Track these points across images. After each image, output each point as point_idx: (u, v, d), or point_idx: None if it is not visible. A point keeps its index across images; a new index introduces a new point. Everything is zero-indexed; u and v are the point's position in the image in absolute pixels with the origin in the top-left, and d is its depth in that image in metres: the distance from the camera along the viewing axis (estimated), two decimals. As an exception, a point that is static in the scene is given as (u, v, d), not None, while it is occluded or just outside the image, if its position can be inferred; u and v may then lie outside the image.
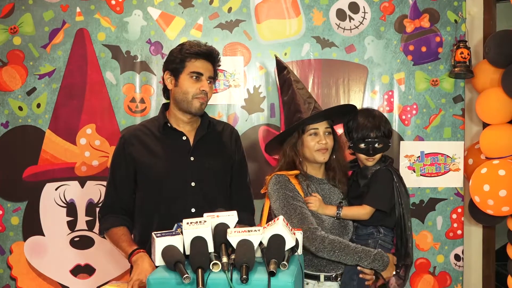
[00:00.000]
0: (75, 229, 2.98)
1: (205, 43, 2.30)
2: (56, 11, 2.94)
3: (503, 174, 2.71)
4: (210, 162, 2.30)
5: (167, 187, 2.24)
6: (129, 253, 2.13)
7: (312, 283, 2.23)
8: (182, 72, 2.24)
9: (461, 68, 2.88)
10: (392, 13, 2.99)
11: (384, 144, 2.28)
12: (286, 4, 2.99)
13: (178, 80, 2.25)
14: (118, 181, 2.29)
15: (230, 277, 1.62)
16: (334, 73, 2.99)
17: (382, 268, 2.14)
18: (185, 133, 2.31)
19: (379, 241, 2.27)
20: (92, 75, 2.95)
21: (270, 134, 2.96)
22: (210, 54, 2.27)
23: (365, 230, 2.30)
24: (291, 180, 2.28)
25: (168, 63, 2.28)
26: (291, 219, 2.16)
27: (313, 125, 2.29)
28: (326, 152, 2.29)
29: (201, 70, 2.24)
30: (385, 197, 2.25)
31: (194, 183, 2.26)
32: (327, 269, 2.22)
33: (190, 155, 2.28)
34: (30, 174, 2.94)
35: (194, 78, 2.23)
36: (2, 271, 2.97)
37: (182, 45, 2.28)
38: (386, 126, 2.31)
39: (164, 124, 2.30)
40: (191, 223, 1.75)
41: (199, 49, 2.24)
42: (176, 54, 2.26)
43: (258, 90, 2.99)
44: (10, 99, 2.94)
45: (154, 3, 2.96)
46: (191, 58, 2.23)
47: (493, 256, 3.14)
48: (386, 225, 2.29)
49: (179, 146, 2.29)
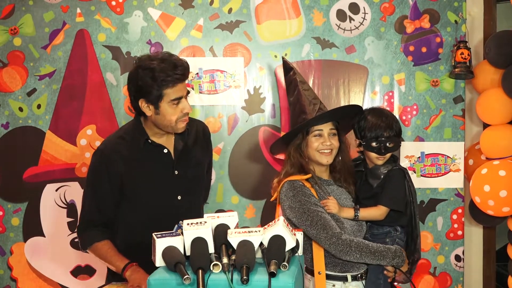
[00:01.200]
0: (76, 230, 2.97)
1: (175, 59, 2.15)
2: (57, 12, 2.94)
3: (503, 175, 2.71)
4: (192, 173, 2.31)
5: (154, 202, 2.24)
6: (121, 268, 2.13)
7: (338, 284, 2.24)
8: (162, 101, 2.13)
9: (461, 68, 2.88)
10: (392, 14, 2.99)
11: (395, 144, 2.31)
12: (286, 4, 2.99)
13: (159, 109, 2.15)
14: (101, 197, 2.24)
15: (230, 278, 1.62)
16: (335, 74, 2.99)
17: (402, 263, 2.19)
18: (164, 144, 2.28)
19: (396, 239, 2.32)
20: (92, 76, 2.95)
21: (270, 135, 2.96)
22: (185, 75, 2.18)
23: (381, 229, 2.34)
24: (306, 184, 2.27)
25: (143, 93, 2.14)
26: (313, 226, 2.17)
27: (318, 126, 2.29)
28: (330, 154, 2.30)
29: (181, 93, 2.17)
30: (400, 197, 2.30)
31: (180, 196, 2.27)
32: (353, 269, 2.24)
33: (174, 169, 2.28)
34: (31, 175, 2.94)
35: (175, 104, 2.16)
36: (2, 272, 2.97)
37: (153, 71, 2.10)
38: (397, 125, 2.34)
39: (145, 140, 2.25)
40: (191, 224, 1.75)
41: (175, 75, 2.11)
42: (150, 83, 2.11)
43: (258, 91, 2.99)
44: (10, 100, 2.94)
45: (155, 4, 2.96)
46: (168, 86, 2.12)
47: (493, 257, 3.14)
48: (401, 224, 2.34)
49: (162, 160, 2.27)
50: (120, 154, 2.23)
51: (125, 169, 2.22)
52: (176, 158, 2.28)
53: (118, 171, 2.21)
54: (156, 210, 2.24)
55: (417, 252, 2.34)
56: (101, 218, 2.26)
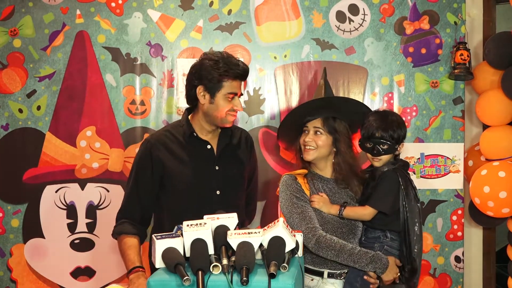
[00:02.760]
0: (75, 232, 2.97)
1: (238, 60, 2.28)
2: (56, 13, 2.94)
3: (503, 176, 2.71)
4: (232, 171, 2.36)
5: (194, 194, 2.29)
6: (128, 269, 2.17)
7: (316, 279, 2.24)
8: (219, 91, 2.24)
9: (461, 69, 2.88)
10: (392, 15, 3.00)
11: (389, 147, 2.26)
12: (286, 6, 2.99)
13: (214, 98, 2.25)
14: (143, 183, 2.29)
15: (230, 279, 1.62)
16: (334, 75, 2.99)
17: (381, 270, 2.13)
18: (209, 141, 2.34)
19: (385, 246, 2.26)
20: (92, 77, 2.95)
21: (270, 136, 2.96)
22: (245, 75, 2.29)
23: (373, 233, 2.30)
24: (299, 179, 2.30)
25: (203, 79, 2.24)
26: (292, 217, 2.19)
27: (308, 123, 2.31)
28: (309, 150, 2.30)
29: (237, 90, 2.27)
30: (388, 200, 2.23)
31: (219, 191, 2.32)
32: (330, 266, 2.23)
33: (215, 164, 2.33)
34: (30, 177, 2.95)
35: (229, 98, 2.25)
36: (2, 274, 2.97)
37: (217, 62, 2.22)
38: (397, 130, 2.26)
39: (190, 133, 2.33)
40: (191, 225, 1.75)
41: (237, 71, 2.23)
42: (213, 72, 2.22)
43: (258, 92, 2.99)
44: (10, 101, 2.95)
45: (154, 6, 2.96)
46: (229, 78, 2.23)
47: (493, 258, 3.14)
48: (393, 229, 2.26)
49: (204, 155, 2.33)
50: (165, 145, 2.31)
51: (168, 158, 2.29)
52: (218, 154, 2.34)
53: (161, 158, 2.28)
54: (195, 203, 2.27)
55: (414, 261, 2.23)
56: (138, 207, 2.30)
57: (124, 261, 2.23)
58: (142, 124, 2.97)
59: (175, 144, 2.32)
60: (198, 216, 1.86)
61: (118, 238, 2.28)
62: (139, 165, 2.31)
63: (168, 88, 2.97)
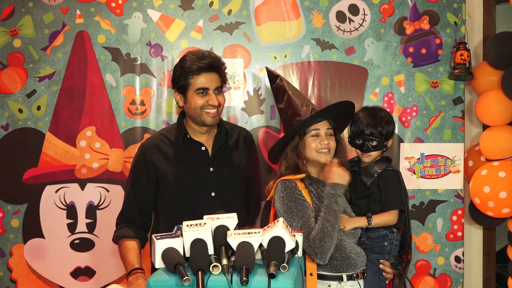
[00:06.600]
0: (75, 232, 2.97)
1: (207, 53, 2.27)
2: (56, 13, 2.94)
3: (503, 176, 2.71)
4: (228, 172, 2.35)
5: (188, 196, 2.29)
6: (128, 272, 2.19)
7: (334, 284, 2.21)
8: (189, 90, 2.25)
9: (461, 70, 2.88)
10: (392, 15, 2.99)
11: (378, 143, 2.31)
12: (286, 6, 2.99)
13: (187, 98, 2.26)
14: (139, 187, 2.32)
15: (230, 279, 1.62)
16: (334, 75, 2.99)
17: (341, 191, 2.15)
18: (203, 143, 2.35)
19: (393, 241, 2.32)
20: (92, 77, 2.95)
21: (270, 136, 2.96)
22: (212, 65, 2.25)
23: (377, 232, 2.32)
24: (298, 184, 2.25)
25: (174, 82, 2.29)
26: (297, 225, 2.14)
27: (315, 126, 2.28)
28: (328, 153, 2.28)
29: (206, 84, 2.24)
30: (401, 198, 2.31)
31: (214, 193, 2.31)
32: (348, 269, 2.22)
33: (210, 166, 2.32)
34: (30, 177, 2.95)
35: (201, 94, 2.24)
36: (2, 274, 2.97)
37: (183, 61, 2.25)
38: (386, 127, 2.32)
39: (183, 135, 2.33)
40: (191, 225, 1.75)
41: (200, 64, 2.21)
42: (179, 72, 2.25)
43: (258, 92, 2.99)
44: (10, 101, 2.95)
45: (154, 6, 2.96)
46: (193, 74, 2.22)
47: (493, 258, 3.14)
48: (397, 226, 2.33)
49: (199, 157, 2.33)
50: (158, 148, 2.33)
51: (162, 161, 2.30)
52: (213, 155, 2.33)
53: (155, 162, 2.30)
54: (189, 205, 2.27)
55: (410, 253, 2.36)
56: (137, 210, 2.32)
57: (124, 264, 2.24)
58: (142, 124, 2.97)
59: (169, 147, 2.33)
60: (193, 218, 1.85)
61: (118, 243, 2.30)
62: (135, 170, 2.34)
63: (168, 88, 2.97)
